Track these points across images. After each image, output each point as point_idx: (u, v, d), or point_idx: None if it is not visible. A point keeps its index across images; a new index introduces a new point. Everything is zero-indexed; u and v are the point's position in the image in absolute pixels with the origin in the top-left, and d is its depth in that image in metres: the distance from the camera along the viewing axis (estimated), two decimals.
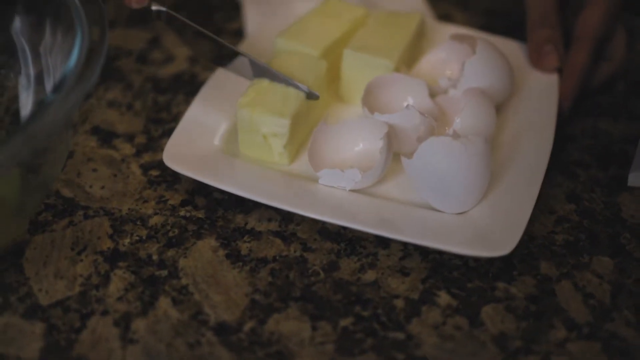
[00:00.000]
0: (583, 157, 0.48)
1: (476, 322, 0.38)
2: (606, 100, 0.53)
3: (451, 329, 0.37)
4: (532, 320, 0.38)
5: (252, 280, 0.39)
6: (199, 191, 0.44)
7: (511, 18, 0.62)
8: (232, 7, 0.61)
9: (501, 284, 0.40)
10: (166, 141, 0.47)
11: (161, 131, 0.49)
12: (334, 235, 0.42)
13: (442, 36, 0.53)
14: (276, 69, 0.46)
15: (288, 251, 0.41)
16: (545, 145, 0.45)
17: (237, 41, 0.57)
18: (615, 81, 0.54)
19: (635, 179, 0.46)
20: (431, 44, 0.53)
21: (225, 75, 0.48)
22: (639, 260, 0.41)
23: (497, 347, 0.37)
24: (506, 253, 0.38)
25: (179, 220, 0.43)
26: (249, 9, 0.60)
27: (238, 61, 0.46)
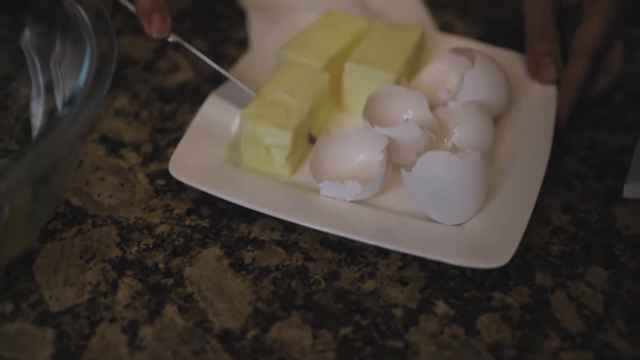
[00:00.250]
0: (580, 168, 0.49)
1: (472, 331, 0.39)
2: (603, 111, 0.54)
3: (448, 337, 0.39)
4: (527, 329, 0.39)
5: (255, 289, 0.41)
6: (204, 200, 0.45)
7: (511, 27, 0.63)
8: (237, 16, 0.62)
9: (497, 294, 0.41)
10: (172, 150, 0.48)
11: (167, 140, 0.50)
12: (335, 245, 0.43)
13: (442, 48, 0.54)
14: (280, 80, 0.47)
15: (290, 260, 0.42)
16: (543, 157, 0.46)
17: (242, 50, 0.58)
18: (612, 92, 0.55)
19: (630, 190, 0.47)
20: (431, 56, 0.54)
21: (230, 88, 0.49)
22: (632, 271, 0.42)
23: (492, 356, 0.38)
24: (503, 264, 0.40)
25: (184, 229, 0.44)
26: (253, 19, 0.61)
27: (234, 90, 0.49)
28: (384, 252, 0.43)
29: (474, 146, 0.44)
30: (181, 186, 0.46)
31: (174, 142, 0.49)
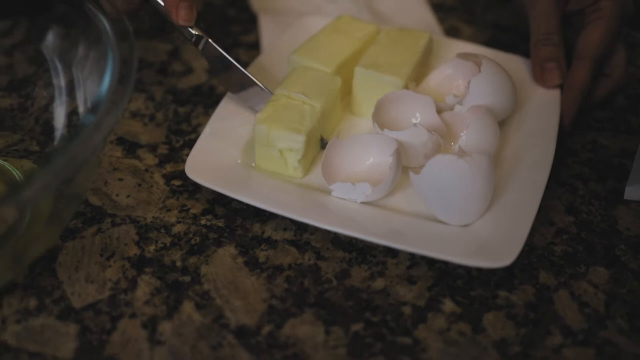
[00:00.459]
0: (582, 170, 0.51)
1: (478, 328, 0.40)
2: (606, 115, 0.56)
3: (455, 334, 0.40)
4: (530, 326, 0.41)
5: (269, 287, 0.42)
6: (218, 201, 0.47)
7: (516, 31, 0.64)
8: (249, 19, 0.64)
9: (502, 293, 0.42)
10: (187, 152, 0.50)
11: (182, 142, 0.52)
12: (346, 245, 0.45)
13: (449, 52, 0.56)
14: (293, 83, 0.49)
15: (302, 259, 0.44)
16: (547, 160, 0.47)
17: (253, 53, 0.60)
18: (614, 96, 0.57)
19: (631, 192, 0.48)
20: (438, 60, 0.56)
21: (242, 94, 0.51)
22: (633, 271, 0.44)
23: (497, 352, 0.39)
24: (508, 264, 0.41)
25: (200, 228, 0.45)
26: (263, 22, 0.63)
27: (254, 94, 0.50)
28: (392, 252, 0.44)
29: (480, 149, 0.46)
30: (196, 187, 0.48)
31: (188, 144, 0.51)
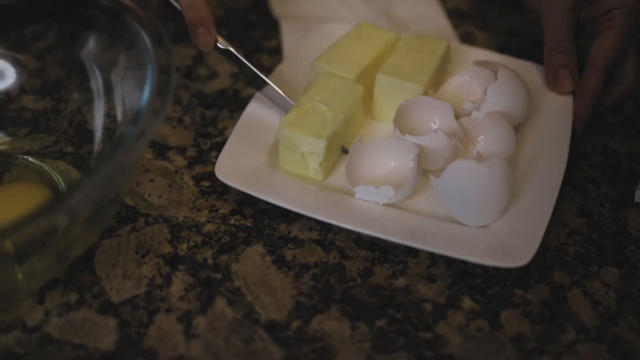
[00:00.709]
0: (594, 174, 0.53)
1: (496, 325, 0.43)
2: (616, 119, 0.58)
3: (474, 330, 0.42)
4: (545, 323, 0.43)
5: (296, 284, 0.44)
6: (246, 202, 0.49)
7: (528, 37, 0.66)
8: (270, 25, 0.66)
9: (518, 291, 0.44)
10: (214, 154, 0.52)
11: (209, 144, 0.54)
12: (368, 245, 0.47)
13: (465, 58, 0.58)
14: (317, 90, 0.51)
15: (328, 258, 0.46)
16: (560, 164, 0.49)
17: (275, 59, 0.62)
18: (624, 102, 0.59)
19: None
20: (455, 66, 0.58)
21: (268, 94, 0.53)
22: None
23: (514, 347, 0.42)
24: (524, 264, 0.43)
25: (229, 228, 0.48)
26: (285, 28, 0.65)
27: (275, 93, 0.53)
28: (413, 252, 0.46)
29: (497, 153, 0.48)
30: (225, 188, 0.50)
31: (216, 147, 0.53)
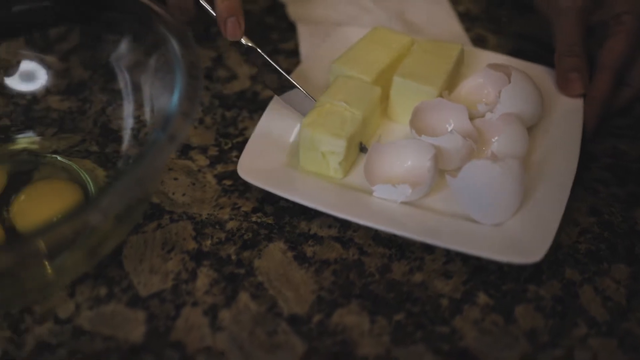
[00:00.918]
0: (604, 175, 0.54)
1: (510, 319, 0.44)
2: (625, 122, 0.59)
3: (489, 324, 0.44)
4: (558, 318, 0.44)
5: (317, 279, 0.46)
6: (267, 200, 0.51)
7: (538, 41, 0.67)
8: (287, 28, 0.67)
9: (532, 287, 0.46)
10: (235, 154, 0.54)
11: (230, 144, 0.55)
12: (386, 242, 0.48)
13: (478, 61, 0.59)
14: (336, 91, 0.52)
15: (347, 255, 0.47)
16: (572, 164, 0.51)
17: (293, 61, 0.63)
18: (633, 104, 0.60)
19: None
20: (468, 68, 0.59)
21: (287, 96, 0.55)
22: None
23: (528, 341, 0.43)
24: (537, 260, 0.45)
25: (251, 225, 0.49)
26: (302, 31, 0.66)
27: (294, 95, 0.54)
28: (429, 248, 0.48)
29: (511, 154, 0.49)
30: (246, 186, 0.52)
31: (237, 146, 0.55)
